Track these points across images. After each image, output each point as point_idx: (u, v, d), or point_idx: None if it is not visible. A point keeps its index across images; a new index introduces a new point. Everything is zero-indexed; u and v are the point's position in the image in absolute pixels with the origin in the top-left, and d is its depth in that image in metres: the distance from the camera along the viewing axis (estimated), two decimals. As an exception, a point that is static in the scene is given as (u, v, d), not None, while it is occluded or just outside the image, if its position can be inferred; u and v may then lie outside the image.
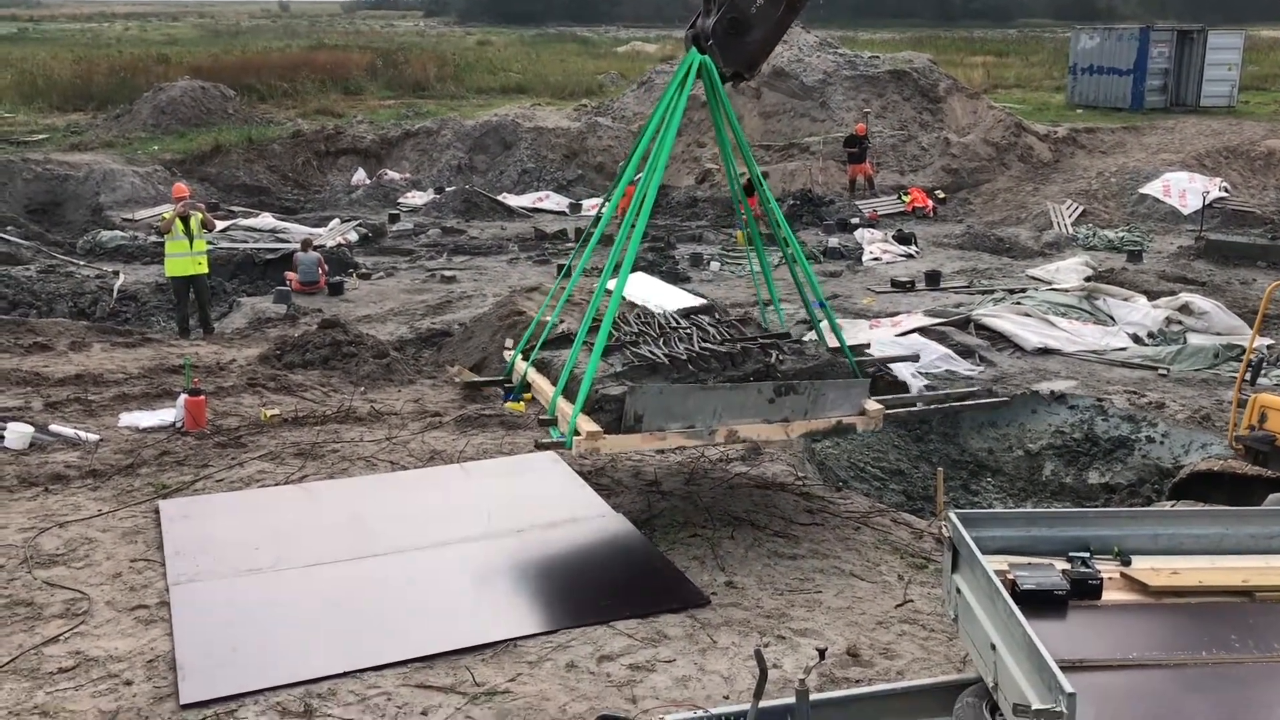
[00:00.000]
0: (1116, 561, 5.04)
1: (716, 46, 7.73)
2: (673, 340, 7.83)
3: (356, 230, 22.98)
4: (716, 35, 7.70)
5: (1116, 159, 26.70)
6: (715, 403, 7.08)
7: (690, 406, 7.02)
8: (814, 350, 8.06)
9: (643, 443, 7.03)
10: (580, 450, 6.80)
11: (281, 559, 7.13)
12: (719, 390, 7.16)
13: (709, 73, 7.73)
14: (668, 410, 6.96)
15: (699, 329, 8.06)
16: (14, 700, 5.46)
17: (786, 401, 7.24)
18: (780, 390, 7.23)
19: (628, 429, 6.89)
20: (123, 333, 14.37)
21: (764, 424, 7.24)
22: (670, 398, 6.99)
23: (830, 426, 7.52)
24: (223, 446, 9.32)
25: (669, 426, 6.98)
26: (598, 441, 6.76)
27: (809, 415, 7.35)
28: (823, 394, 7.38)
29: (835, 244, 21.45)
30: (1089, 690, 3.91)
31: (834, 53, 32.39)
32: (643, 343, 7.77)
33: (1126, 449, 11.14)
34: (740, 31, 7.73)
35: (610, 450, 7.04)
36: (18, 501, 8.06)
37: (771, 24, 7.86)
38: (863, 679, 5.82)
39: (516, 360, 8.41)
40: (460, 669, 5.84)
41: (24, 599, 6.53)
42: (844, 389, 7.53)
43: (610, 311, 7.35)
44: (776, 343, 8.00)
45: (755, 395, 7.19)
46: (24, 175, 24.60)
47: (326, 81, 40.28)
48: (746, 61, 7.98)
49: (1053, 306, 15.03)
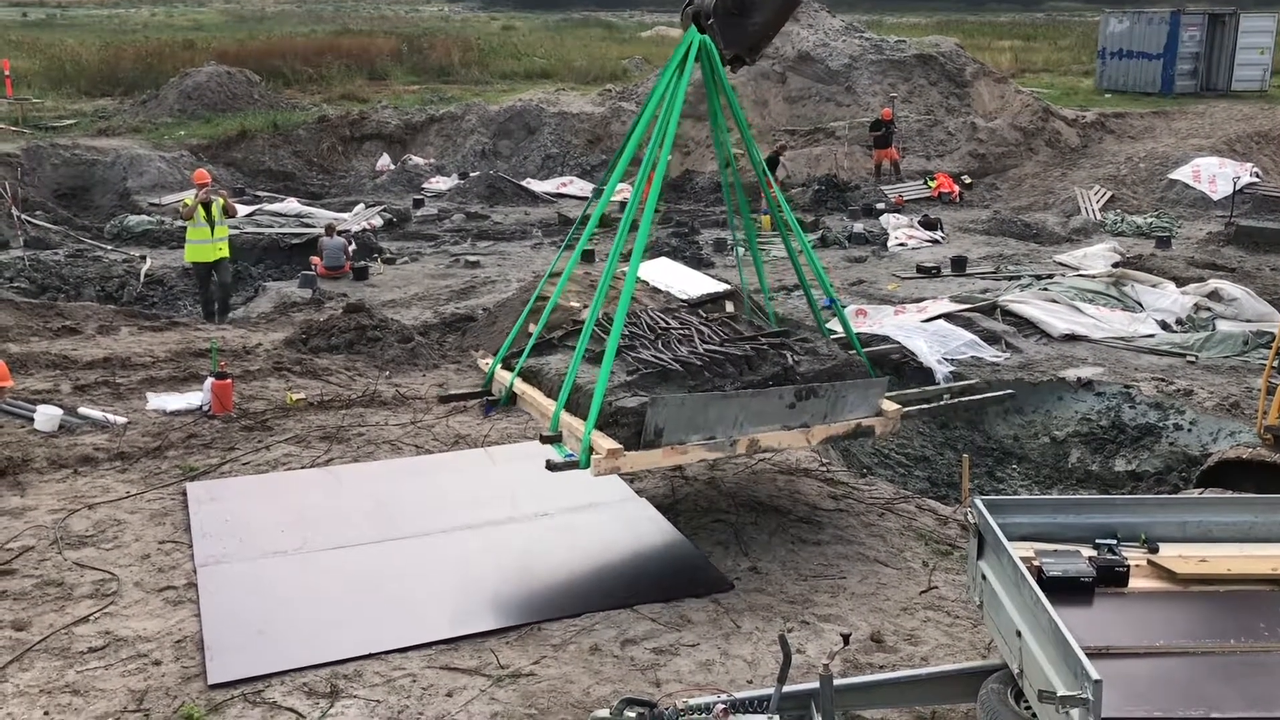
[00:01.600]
0: (1144, 549, 5.02)
1: (717, 26, 7.34)
2: (672, 343, 7.42)
3: (381, 215, 23.04)
4: (718, 14, 7.32)
5: (1145, 144, 26.44)
6: (736, 411, 6.65)
7: (712, 417, 6.57)
8: (826, 349, 7.74)
9: (664, 459, 6.54)
10: (600, 471, 6.29)
11: (307, 541, 7.18)
12: (740, 398, 6.73)
13: (708, 53, 7.35)
14: (689, 422, 6.51)
15: (696, 330, 7.66)
16: (46, 678, 5.53)
17: (807, 406, 6.85)
18: (801, 394, 6.84)
19: (648, 444, 6.40)
20: (150, 317, 14.48)
21: (784, 431, 6.84)
22: (692, 408, 6.54)
23: (850, 430, 7.15)
24: (249, 430, 9.39)
25: (690, 439, 6.53)
26: (618, 460, 6.28)
27: (829, 419, 6.99)
28: (843, 396, 7.02)
29: (860, 229, 21.34)
30: (1115, 677, 3.89)
31: (860, 37, 32.18)
32: (640, 347, 7.34)
33: (1154, 436, 11.06)
34: (743, 12, 7.37)
35: (631, 469, 6.51)
36: (48, 483, 8.14)
37: (776, 6, 7.54)
38: (886, 665, 5.82)
39: (496, 369, 7.78)
40: (485, 651, 5.87)
41: (54, 579, 6.60)
42: (863, 390, 7.19)
43: (620, 315, 6.81)
44: (786, 342, 7.69)
45: (776, 401, 6.80)
46: (53, 160, 24.77)
47: (351, 66, 40.34)
48: (748, 44, 7.60)
49: (1080, 293, 14.91)
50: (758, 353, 7.28)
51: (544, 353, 7.62)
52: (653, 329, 7.67)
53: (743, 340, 7.57)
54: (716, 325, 7.89)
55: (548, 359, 7.50)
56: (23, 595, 6.39)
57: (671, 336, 7.52)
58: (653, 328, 7.70)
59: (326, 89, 37.31)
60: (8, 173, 22.66)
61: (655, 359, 7.07)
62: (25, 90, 34.19)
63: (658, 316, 8.00)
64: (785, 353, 7.36)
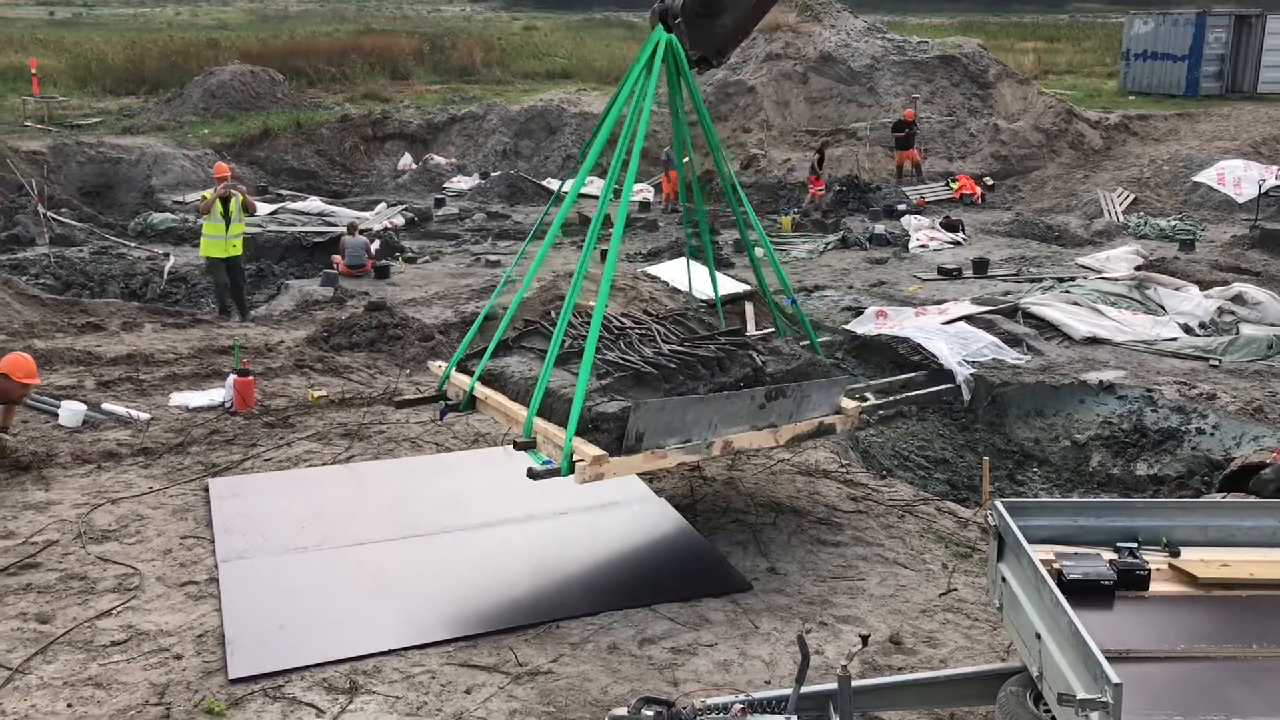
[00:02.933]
0: (1165, 552, 4.99)
1: (683, 26, 7.12)
2: (634, 344, 7.27)
3: (402, 214, 23.13)
4: (685, 14, 7.10)
5: (1169, 146, 26.29)
6: (712, 414, 6.61)
7: (689, 420, 6.50)
8: (789, 349, 7.68)
9: (645, 464, 6.42)
10: (584, 478, 6.12)
11: (328, 538, 7.22)
12: (716, 400, 6.68)
13: (674, 53, 7.16)
14: (668, 426, 6.42)
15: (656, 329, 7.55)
16: (69, 671, 5.58)
17: (775, 406, 6.86)
18: (771, 395, 6.84)
19: (629, 449, 6.28)
20: (173, 314, 14.59)
21: (754, 431, 6.83)
22: (671, 413, 6.44)
23: (813, 428, 7.15)
24: (271, 426, 9.44)
25: (668, 443, 6.44)
26: (603, 467, 6.12)
27: (794, 419, 6.99)
28: (807, 396, 7.05)
29: (881, 230, 21.30)
30: (1135, 681, 3.88)
31: (882, 37, 32.11)
32: (603, 348, 7.10)
33: (1176, 440, 10.99)
34: (711, 13, 7.12)
35: (615, 475, 6.31)
36: (72, 478, 8.22)
37: (747, 9, 7.29)
38: (905, 667, 5.80)
39: (451, 373, 7.58)
40: (503, 649, 5.89)
41: (78, 573, 6.66)
42: (826, 389, 7.24)
43: (596, 317, 6.63)
44: (749, 342, 7.62)
45: (748, 403, 6.77)
46: (78, 158, 24.97)
47: (374, 66, 40.49)
48: (715, 46, 7.35)
49: (1102, 295, 14.84)
50: (727, 354, 7.22)
51: (501, 355, 7.46)
52: (610, 329, 7.52)
53: (705, 341, 7.50)
54: (671, 325, 7.80)
55: (507, 361, 7.33)
56: (47, 589, 6.45)
57: (632, 337, 7.40)
58: (610, 328, 7.55)
59: (349, 88, 37.47)
60: (34, 170, 22.86)
61: (627, 361, 6.93)
62: (51, 89, 34.45)
63: (613, 317, 7.86)
64: (753, 353, 7.32)
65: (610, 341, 7.29)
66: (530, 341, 7.59)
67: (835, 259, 19.48)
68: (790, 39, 31.59)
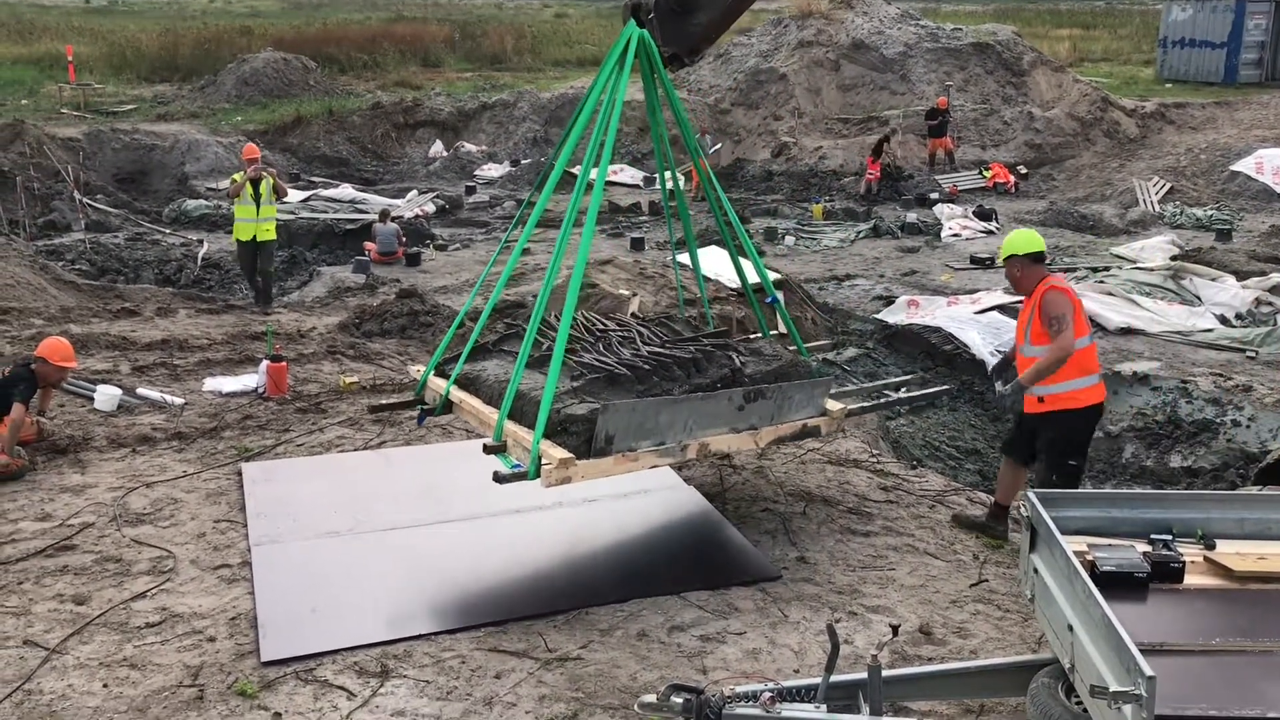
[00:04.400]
0: (1200, 545, 4.94)
1: (656, 22, 6.92)
2: (614, 345, 7.12)
3: (434, 202, 23.23)
4: (659, 10, 6.91)
5: (1207, 135, 25.97)
6: (687, 416, 6.44)
7: (662, 422, 6.33)
8: (771, 349, 7.48)
9: (615, 466, 6.25)
10: (551, 482, 5.98)
11: (360, 523, 7.26)
12: (690, 402, 6.51)
13: (647, 49, 6.95)
14: (640, 428, 6.26)
15: (636, 332, 7.44)
16: (105, 652, 5.65)
17: (755, 408, 6.70)
18: (749, 397, 6.67)
19: (598, 452, 6.13)
20: (207, 299, 14.73)
21: (733, 434, 6.67)
22: (643, 414, 6.27)
23: (796, 430, 7.01)
24: (303, 412, 9.51)
25: (640, 446, 6.28)
26: (568, 470, 5.98)
27: (775, 420, 6.84)
28: (789, 397, 6.89)
29: (914, 219, 21.19)
30: (1169, 674, 3.85)
31: (916, 25, 31.89)
32: (581, 350, 7.03)
33: (1211, 432, 10.88)
34: (685, 10, 6.92)
35: (583, 478, 6.17)
36: (107, 461, 8.31)
37: (721, 8, 7.07)
38: (935, 657, 5.78)
39: (429, 376, 7.43)
40: (533, 634, 5.91)
41: (113, 555, 6.73)
42: (809, 390, 7.06)
43: (565, 317, 6.45)
44: (730, 343, 7.45)
45: (726, 404, 6.61)
46: (113, 145, 25.21)
47: (406, 54, 40.63)
48: (688, 44, 7.13)
49: (1137, 285, 14.70)
50: (704, 354, 7.07)
51: (479, 358, 7.36)
52: (591, 331, 7.44)
53: (685, 342, 7.33)
54: (655, 327, 7.68)
55: (484, 365, 7.23)
56: (83, 570, 6.53)
57: (612, 339, 7.27)
58: (591, 330, 7.47)
59: (381, 76, 37.63)
60: (70, 157, 23.10)
61: (600, 363, 6.82)
62: (87, 76, 34.79)
63: (595, 319, 7.77)
64: (732, 354, 7.15)
65: (589, 344, 7.17)
66: (510, 345, 7.44)
67: (867, 247, 19.39)
68: (822, 26, 31.42)
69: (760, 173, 27.24)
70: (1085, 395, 6.77)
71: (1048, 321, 6.68)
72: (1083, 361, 6.76)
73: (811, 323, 13.52)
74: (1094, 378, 6.84)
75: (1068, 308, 6.71)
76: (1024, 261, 6.89)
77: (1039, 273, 6.90)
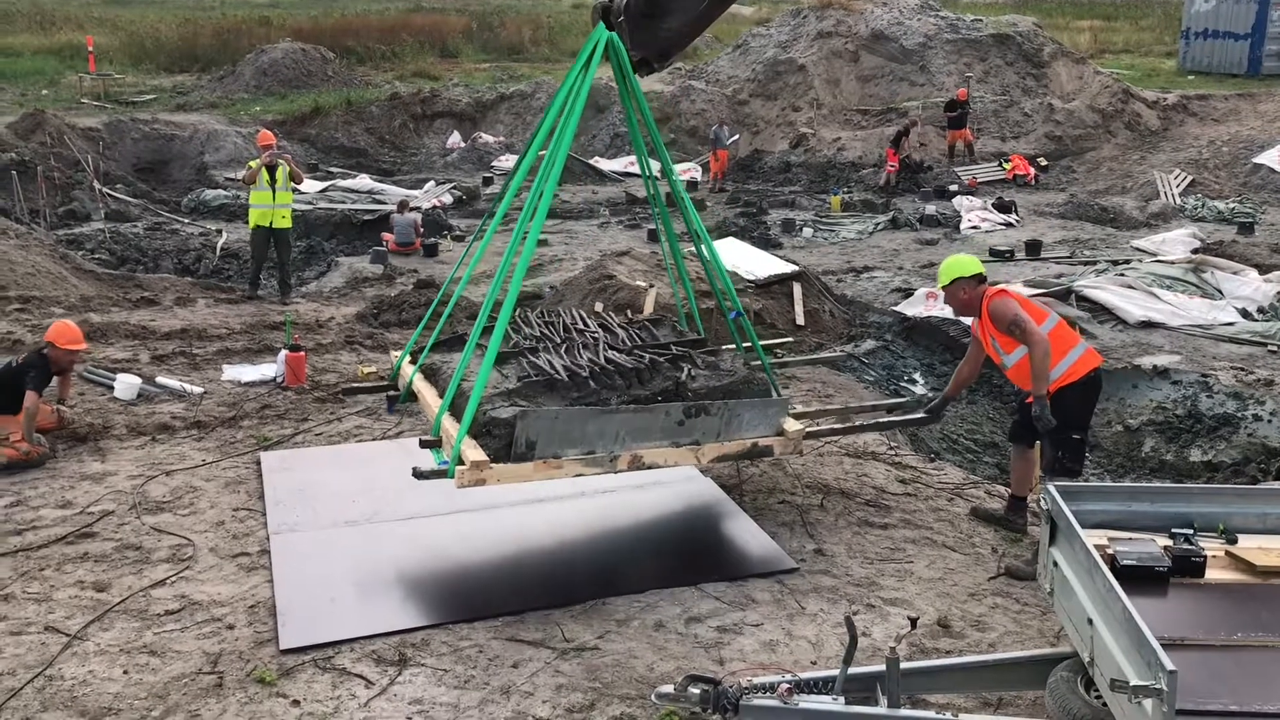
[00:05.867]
0: (1222, 540, 4.91)
1: (626, 24, 6.82)
2: (575, 349, 7.10)
3: (451, 193, 23.24)
4: (629, 13, 6.80)
5: (1229, 127, 25.76)
6: (617, 427, 6.33)
7: (590, 431, 6.25)
8: (730, 364, 7.31)
9: (535, 473, 6.21)
10: (463, 483, 6.00)
11: (377, 512, 7.29)
12: (622, 413, 6.38)
13: (617, 53, 6.84)
14: (565, 436, 6.19)
15: (608, 332, 7.39)
16: (125, 639, 5.68)
17: (698, 423, 6.53)
18: (690, 412, 6.50)
19: (519, 457, 6.12)
20: (225, 289, 14.77)
21: (672, 448, 6.51)
22: (567, 422, 6.21)
23: (745, 449, 6.79)
24: (321, 401, 9.54)
25: (565, 454, 6.22)
26: (482, 473, 5.99)
27: (722, 437, 6.65)
28: (737, 415, 6.66)
29: (933, 211, 21.08)
30: (1189, 668, 3.83)
31: (935, 15, 31.71)
32: (542, 350, 7.01)
33: (1231, 427, 10.79)
34: (656, 14, 6.79)
35: (498, 482, 6.16)
36: (127, 450, 8.36)
37: (693, 13, 6.85)
38: (953, 650, 5.77)
39: (404, 363, 7.43)
40: (550, 624, 5.92)
41: (133, 543, 6.77)
42: (761, 409, 6.80)
43: (505, 311, 6.40)
44: (690, 354, 7.25)
45: (663, 418, 6.46)
46: (133, 135, 25.29)
47: (423, 44, 40.63)
48: (658, 48, 7.04)
49: (1158, 279, 14.58)
50: (649, 365, 6.92)
51: (452, 349, 7.37)
52: (568, 330, 7.35)
53: (651, 351, 7.19)
54: (636, 329, 7.57)
55: (453, 357, 7.17)
56: (103, 558, 6.57)
57: (575, 343, 7.19)
58: (568, 329, 7.39)
59: (399, 66, 37.65)
60: (90, 147, 23.19)
61: (536, 367, 6.77)
62: (107, 66, 34.93)
63: (580, 317, 7.68)
64: (685, 365, 7.01)
65: (554, 345, 7.11)
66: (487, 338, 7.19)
67: (885, 240, 19.31)
68: (841, 16, 31.29)
69: (778, 164, 27.15)
70: (1078, 368, 6.80)
71: (1007, 329, 6.75)
72: (1060, 341, 6.81)
73: (829, 315, 13.48)
74: (1079, 348, 6.91)
75: (1014, 306, 6.79)
76: (970, 284, 6.96)
77: (981, 291, 6.96)
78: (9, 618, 5.86)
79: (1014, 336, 6.72)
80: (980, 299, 6.94)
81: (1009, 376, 7.15)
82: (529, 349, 7.11)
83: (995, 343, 6.89)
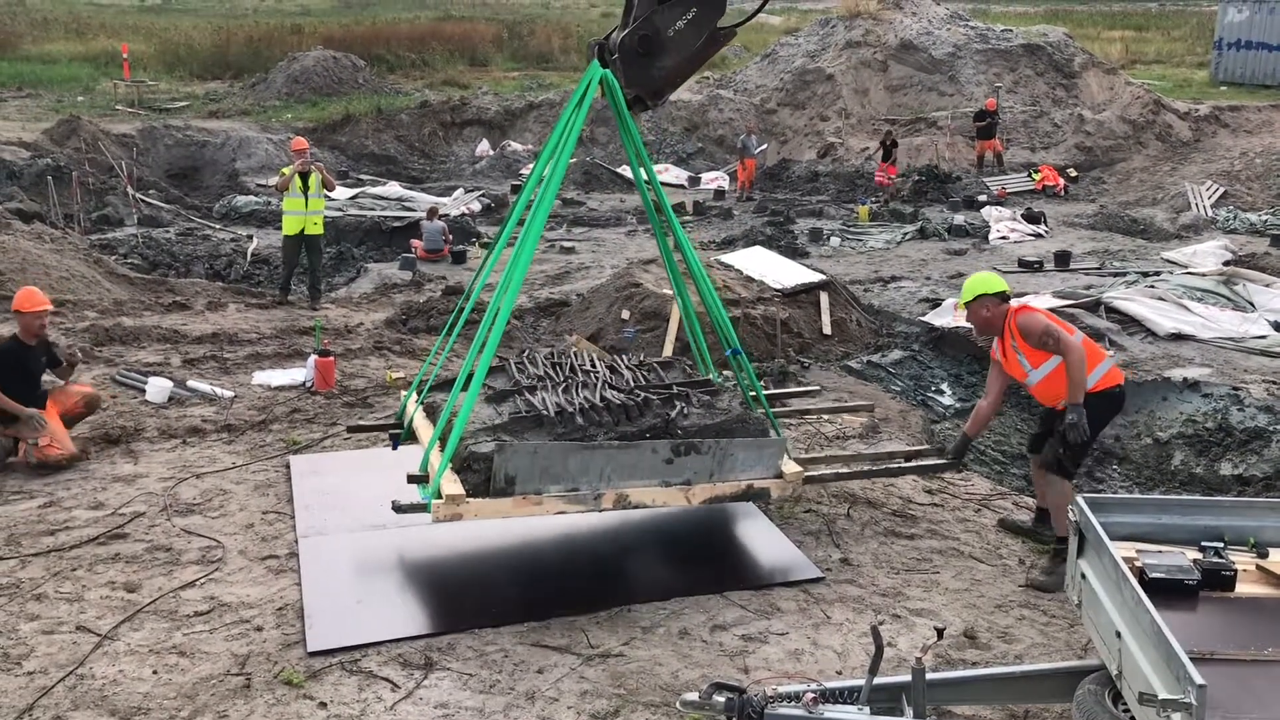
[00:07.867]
0: (1252, 553, 4.87)
1: (620, 62, 6.82)
2: (575, 388, 6.92)
3: (480, 200, 23.36)
4: (623, 51, 6.81)
5: (1263, 138, 25.54)
6: (601, 463, 6.20)
7: (572, 468, 6.14)
8: (726, 403, 7.06)
9: (514, 508, 6.11)
10: (439, 517, 5.96)
11: (405, 517, 7.30)
12: (605, 449, 6.25)
13: (612, 90, 6.80)
14: (545, 471, 6.09)
15: (614, 373, 7.26)
16: (155, 639, 5.74)
17: (687, 462, 6.35)
18: (679, 450, 6.34)
19: (499, 492, 6.04)
20: (256, 294, 14.89)
21: (661, 487, 6.35)
22: (548, 457, 6.10)
23: (740, 490, 6.59)
24: (350, 406, 9.60)
25: (546, 489, 6.12)
26: (459, 507, 5.93)
27: (715, 478, 6.46)
28: (730, 454, 6.48)
29: (961, 221, 21.01)
30: (1219, 683, 3.80)
31: (965, 25, 31.64)
32: (540, 389, 6.88)
33: (1263, 440, 10.69)
34: (650, 53, 6.84)
35: (475, 517, 6.08)
36: (158, 452, 8.44)
37: (688, 53, 6.95)
38: (980, 661, 5.74)
39: (409, 400, 7.39)
40: (575, 631, 5.93)
41: (164, 544, 6.84)
42: (756, 449, 6.61)
43: (490, 348, 6.35)
44: (686, 393, 7.01)
45: (650, 455, 6.29)
46: (165, 141, 25.57)
47: (453, 53, 40.88)
48: (651, 87, 7.03)
49: (1188, 290, 14.47)
50: (642, 403, 6.73)
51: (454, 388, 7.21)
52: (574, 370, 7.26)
53: (639, 390, 6.99)
54: (644, 371, 7.44)
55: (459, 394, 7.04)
56: (134, 559, 6.64)
57: (576, 382, 7.06)
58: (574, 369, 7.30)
59: (429, 75, 37.90)
60: (124, 153, 23.47)
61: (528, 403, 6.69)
62: (141, 73, 35.33)
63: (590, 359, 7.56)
64: (677, 403, 6.83)
65: (554, 383, 7.01)
66: (493, 379, 7.22)
67: (913, 249, 19.26)
68: (870, 26, 31.26)
69: (806, 173, 27.14)
70: (1106, 380, 6.78)
71: (1039, 341, 6.70)
72: (1092, 352, 6.79)
73: (856, 324, 13.45)
74: (1107, 362, 6.88)
75: (1044, 318, 6.78)
76: (993, 301, 6.89)
77: (1004, 309, 6.92)
78: (42, 617, 5.93)
79: (1046, 349, 6.69)
80: (1003, 317, 6.90)
81: (1034, 394, 7.10)
82: (528, 387, 6.97)
83: (1022, 358, 6.84)
